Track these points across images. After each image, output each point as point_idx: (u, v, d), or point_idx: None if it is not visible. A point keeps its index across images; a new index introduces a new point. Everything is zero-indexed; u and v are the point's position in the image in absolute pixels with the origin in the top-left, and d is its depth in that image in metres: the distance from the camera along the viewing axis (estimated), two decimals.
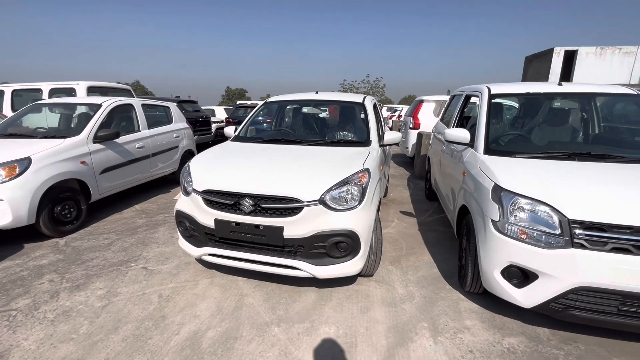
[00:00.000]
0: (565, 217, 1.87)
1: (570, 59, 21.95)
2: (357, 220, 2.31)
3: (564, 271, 1.86)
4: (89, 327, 2.17)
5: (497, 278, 2.12)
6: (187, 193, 2.64)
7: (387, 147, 4.23)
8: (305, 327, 2.19)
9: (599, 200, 1.89)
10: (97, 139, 4.05)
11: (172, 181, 5.98)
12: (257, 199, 2.30)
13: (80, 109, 4.52)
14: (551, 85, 3.05)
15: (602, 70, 20.93)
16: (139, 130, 4.90)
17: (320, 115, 4.56)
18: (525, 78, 25.34)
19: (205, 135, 9.93)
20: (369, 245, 2.45)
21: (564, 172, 2.18)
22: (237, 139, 3.51)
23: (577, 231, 1.84)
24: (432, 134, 5.13)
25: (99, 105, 4.34)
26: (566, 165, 2.29)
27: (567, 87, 2.98)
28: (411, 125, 7.54)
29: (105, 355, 1.93)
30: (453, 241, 3.52)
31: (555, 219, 1.90)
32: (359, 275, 2.76)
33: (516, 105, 4.22)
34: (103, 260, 3.08)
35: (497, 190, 2.16)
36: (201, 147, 6.83)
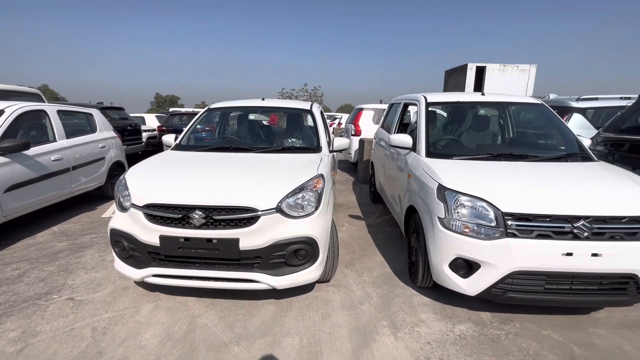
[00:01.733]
0: (500, 210, 2.10)
1: (480, 73, 25.35)
2: (315, 226, 2.30)
3: (501, 259, 2.09)
4: None
5: (446, 271, 2.28)
6: (123, 209, 2.35)
7: (335, 154, 4.33)
8: (267, 341, 2.09)
9: (524, 194, 2.17)
10: (0, 151, 3.40)
11: (97, 197, 5.30)
12: (209, 210, 2.14)
13: None
14: (476, 95, 3.45)
15: (505, 84, 24.51)
16: (54, 140, 4.25)
17: (267, 122, 4.48)
18: (446, 89, 28.43)
19: (136, 145, 9.04)
20: (327, 250, 2.45)
21: (493, 171, 2.47)
22: (179, 147, 3.26)
23: (510, 222, 2.09)
24: (374, 140, 5.40)
25: (1, 112, 3.67)
26: (494, 165, 2.59)
27: (488, 97, 3.40)
28: (353, 132, 7.84)
29: None
30: (401, 240, 3.71)
31: (491, 212, 2.12)
32: (317, 281, 2.74)
33: (444, 113, 4.67)
34: (13, 296, 2.57)
35: (442, 189, 2.34)
36: (131, 158, 6.22)
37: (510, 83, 26.81)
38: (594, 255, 2.01)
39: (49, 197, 4.06)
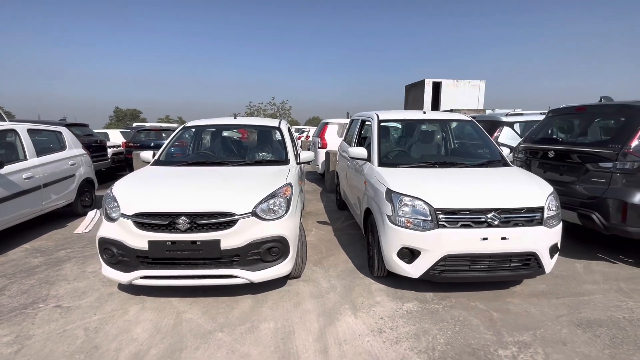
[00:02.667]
0: (433, 207, 2.65)
1: (437, 88, 27.35)
2: (285, 227, 2.70)
3: (435, 246, 2.61)
4: None
5: (394, 259, 2.78)
6: (111, 219, 2.62)
7: (303, 165, 4.77)
8: (247, 327, 2.44)
9: (451, 193, 2.74)
10: None
11: (66, 214, 5.31)
12: (193, 216, 2.48)
13: None
14: (419, 113, 4.09)
15: (458, 98, 26.67)
16: (25, 159, 4.32)
17: (238, 139, 4.85)
18: (406, 102, 30.24)
19: (101, 161, 8.91)
20: (297, 248, 2.86)
21: (429, 176, 3.04)
22: (158, 163, 3.54)
23: (440, 216, 2.63)
24: (338, 152, 5.93)
25: None
26: (431, 172, 3.17)
27: (429, 115, 4.05)
28: (319, 145, 8.37)
29: None
30: (362, 241, 4.20)
31: (427, 209, 2.66)
32: (289, 277, 3.12)
33: (399, 126, 5.33)
34: None
35: (389, 192, 2.86)
36: (96, 175, 6.19)
37: (462, 97, 29.17)
38: (503, 238, 2.60)
39: (21, 215, 4.11)
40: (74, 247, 4.04)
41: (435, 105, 26.95)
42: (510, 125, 5.73)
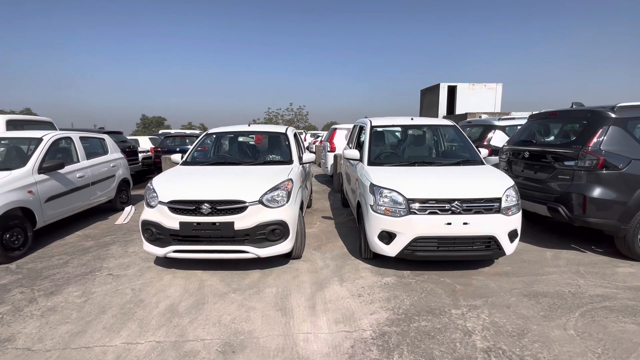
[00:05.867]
0: (406, 197, 3.22)
1: (452, 92, 27.44)
2: (286, 214, 3.35)
3: (408, 229, 3.18)
4: (79, 314, 2.72)
5: (376, 241, 3.36)
6: (151, 206, 3.36)
7: (308, 165, 5.42)
8: (254, 290, 3.10)
9: (421, 186, 3.30)
10: (42, 170, 4.36)
11: (108, 209, 6.21)
12: (213, 203, 3.18)
13: (23, 143, 4.74)
14: (407, 119, 4.66)
15: (475, 101, 26.65)
16: (78, 161, 5.21)
17: (252, 143, 5.58)
18: (422, 106, 30.45)
19: (133, 165, 9.95)
20: (296, 231, 3.50)
21: (407, 172, 3.61)
22: (186, 163, 4.30)
23: (412, 205, 3.20)
24: (342, 155, 6.55)
25: (40, 139, 4.64)
26: (410, 169, 3.74)
27: (415, 121, 4.62)
28: (328, 149, 9.01)
29: (102, 326, 2.55)
30: (358, 232, 4.78)
31: (401, 199, 3.23)
32: (290, 257, 3.76)
33: (399, 131, 5.89)
34: (66, 274, 3.49)
35: (372, 186, 3.45)
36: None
37: (479, 100, 28.92)
38: (465, 223, 3.13)
39: (75, 207, 4.99)
40: (116, 234, 4.87)
41: (451, 109, 27.10)
42: (502, 128, 6.16)
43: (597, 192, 3.57)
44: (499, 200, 3.20)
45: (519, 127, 6.27)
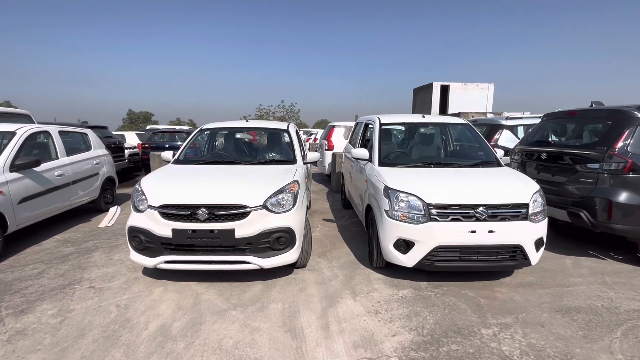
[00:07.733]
0: (426, 202, 2.91)
1: (445, 91, 27.45)
2: (292, 219, 3.01)
3: (428, 238, 2.88)
4: (53, 339, 2.32)
5: (391, 250, 3.05)
6: (139, 211, 2.96)
7: (309, 165, 5.08)
8: (257, 307, 2.75)
9: (442, 189, 3.00)
10: (14, 168, 3.89)
11: (91, 210, 5.73)
12: (211, 208, 2.81)
13: None
14: (418, 117, 4.36)
15: (467, 101, 26.73)
16: (57, 158, 4.73)
17: (250, 140, 5.20)
18: (414, 105, 30.38)
19: (119, 162, 9.40)
20: (302, 239, 3.16)
21: (424, 174, 3.31)
22: (178, 162, 3.90)
23: (432, 210, 2.90)
24: (344, 153, 6.22)
25: (14, 133, 4.16)
26: (426, 171, 3.44)
27: (427, 119, 4.32)
28: (326, 147, 8.68)
29: (80, 355, 2.16)
30: (364, 236, 4.47)
31: (420, 204, 2.93)
32: (295, 267, 3.42)
33: (403, 128, 5.60)
34: (40, 287, 3.07)
35: (387, 189, 3.14)
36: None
37: (472, 100, 29.08)
38: (490, 232, 2.85)
39: (53, 209, 4.52)
40: (99, 238, 4.43)
41: (443, 109, 27.10)
42: (510, 128, 5.94)
43: (624, 196, 3.35)
44: (526, 206, 2.93)
45: (520, 127, 6.08)
